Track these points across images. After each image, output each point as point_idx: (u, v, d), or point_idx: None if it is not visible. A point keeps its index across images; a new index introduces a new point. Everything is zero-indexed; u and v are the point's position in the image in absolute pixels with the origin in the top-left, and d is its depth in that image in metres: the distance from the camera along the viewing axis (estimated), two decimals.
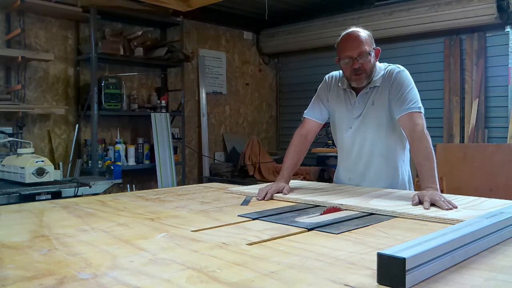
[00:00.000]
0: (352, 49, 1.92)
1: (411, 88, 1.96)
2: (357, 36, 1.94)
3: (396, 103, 1.95)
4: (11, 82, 4.21)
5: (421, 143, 1.83)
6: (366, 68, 1.94)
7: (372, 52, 1.95)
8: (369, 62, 1.94)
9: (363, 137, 2.06)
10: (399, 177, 2.10)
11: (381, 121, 2.01)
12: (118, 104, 4.61)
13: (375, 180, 2.09)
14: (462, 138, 4.88)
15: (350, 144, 2.11)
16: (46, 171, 2.98)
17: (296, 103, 6.42)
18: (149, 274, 0.93)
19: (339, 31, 2.04)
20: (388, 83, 1.98)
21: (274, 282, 0.88)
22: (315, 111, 2.18)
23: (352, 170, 2.16)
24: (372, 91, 2.01)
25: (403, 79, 1.97)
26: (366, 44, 1.93)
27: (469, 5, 4.58)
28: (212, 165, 5.89)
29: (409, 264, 0.82)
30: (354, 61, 1.92)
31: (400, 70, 2.00)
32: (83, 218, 1.53)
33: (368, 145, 2.06)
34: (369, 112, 2.02)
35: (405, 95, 1.93)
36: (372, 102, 2.01)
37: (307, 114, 2.19)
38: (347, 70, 1.98)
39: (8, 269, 0.97)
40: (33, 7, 4.18)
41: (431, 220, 1.41)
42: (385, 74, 2.01)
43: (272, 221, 1.44)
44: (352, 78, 1.98)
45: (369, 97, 2.01)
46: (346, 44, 1.95)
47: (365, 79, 1.97)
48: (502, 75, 4.64)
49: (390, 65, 2.06)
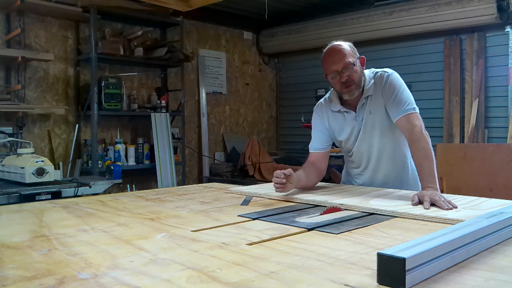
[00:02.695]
0: (336, 63, 1.92)
1: (403, 90, 1.96)
2: (339, 49, 1.94)
3: (391, 107, 1.95)
4: (11, 82, 4.22)
5: (419, 144, 1.84)
6: (354, 79, 1.94)
7: (356, 62, 1.95)
8: (355, 73, 1.94)
9: (369, 145, 2.06)
10: (409, 172, 2.10)
11: (383, 127, 2.01)
12: (118, 104, 4.61)
13: (384, 182, 2.09)
14: (462, 138, 4.88)
15: (357, 154, 2.11)
16: (46, 171, 2.98)
17: (296, 103, 6.42)
18: (149, 274, 0.93)
19: (339, 31, 2.04)
20: (380, 89, 1.98)
21: (274, 282, 0.88)
22: (319, 142, 2.14)
23: (360, 177, 2.17)
24: (367, 101, 2.01)
25: (394, 83, 1.96)
26: (349, 55, 1.93)
27: (469, 5, 4.58)
28: (212, 165, 5.89)
29: (409, 264, 0.82)
30: (340, 75, 1.92)
31: (389, 74, 2.00)
32: (83, 218, 1.53)
33: (375, 152, 2.06)
34: (369, 122, 2.01)
35: (398, 98, 1.93)
36: (369, 112, 2.00)
37: (312, 147, 2.15)
38: (336, 84, 1.98)
39: (8, 269, 0.97)
40: (33, 7, 4.18)
41: (431, 220, 1.41)
42: (375, 81, 2.00)
43: (272, 221, 1.44)
44: (343, 91, 1.98)
45: (366, 107, 2.01)
46: (330, 59, 1.95)
47: (356, 90, 1.97)
48: (502, 75, 4.64)
49: (378, 70, 2.04)
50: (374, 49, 5.55)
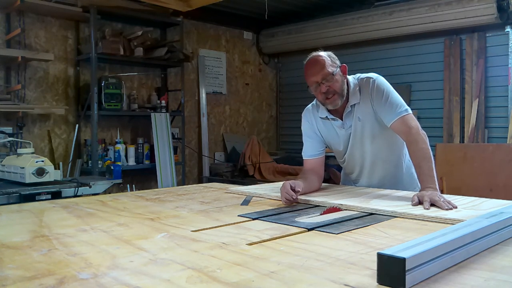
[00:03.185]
0: (315, 74, 1.91)
1: (391, 93, 1.94)
2: (317, 60, 1.93)
3: (382, 113, 1.93)
4: (11, 82, 4.21)
5: (417, 144, 1.84)
6: (336, 89, 1.91)
7: (336, 71, 1.92)
8: (336, 82, 1.91)
9: (361, 152, 2.04)
10: (403, 170, 2.10)
11: (374, 132, 1.99)
12: (118, 104, 4.61)
13: (380, 184, 2.09)
14: (462, 138, 4.88)
15: (350, 161, 2.11)
16: (46, 171, 2.98)
17: (296, 103, 6.41)
18: (149, 274, 0.93)
19: (339, 31, 2.03)
20: (367, 94, 1.96)
21: (274, 282, 0.88)
22: (313, 149, 2.11)
23: (357, 181, 2.17)
24: (353, 108, 1.99)
25: (382, 87, 1.94)
26: (328, 66, 1.91)
27: (469, 5, 4.58)
28: (212, 165, 5.89)
29: (409, 264, 0.82)
30: (320, 85, 1.91)
31: (375, 79, 1.97)
32: (83, 218, 1.53)
33: (368, 158, 2.05)
34: (358, 129, 1.99)
35: (389, 103, 1.91)
36: (358, 118, 1.98)
37: (306, 154, 2.12)
38: (318, 95, 1.96)
39: (8, 269, 0.97)
40: (33, 7, 4.18)
41: (431, 220, 1.41)
42: (361, 87, 1.98)
43: (272, 221, 1.44)
44: (325, 102, 1.96)
45: (353, 114, 1.99)
46: (309, 71, 1.94)
47: (339, 99, 1.94)
48: (502, 75, 4.64)
49: (362, 76, 2.02)
50: (374, 49, 5.55)
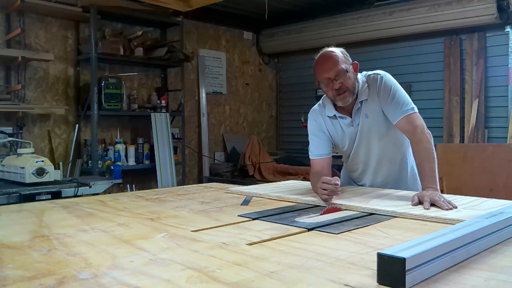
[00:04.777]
0: (328, 70, 1.88)
1: (399, 90, 1.93)
2: (331, 56, 1.90)
3: (389, 110, 1.92)
4: (11, 82, 4.21)
5: (421, 144, 1.83)
6: (348, 86, 1.90)
7: (349, 68, 1.91)
8: (348, 79, 1.90)
9: (367, 149, 2.03)
10: (408, 171, 2.09)
11: (380, 130, 1.98)
12: (118, 104, 4.61)
13: (384, 183, 2.08)
14: (462, 138, 4.88)
15: (355, 159, 2.09)
16: (46, 171, 2.98)
17: (296, 103, 6.42)
18: (149, 274, 0.93)
19: (339, 31, 2.02)
20: (374, 91, 1.95)
21: (274, 282, 0.88)
22: (320, 148, 2.09)
23: (360, 180, 2.16)
24: (362, 105, 1.97)
25: (389, 84, 1.93)
26: (342, 62, 1.89)
27: (469, 5, 4.58)
28: (212, 165, 5.89)
29: (409, 264, 0.82)
30: (333, 82, 1.88)
31: (382, 76, 1.96)
32: (83, 218, 1.53)
33: (374, 155, 2.04)
34: (366, 126, 1.98)
35: (396, 100, 1.90)
36: (365, 115, 1.97)
37: (312, 155, 2.10)
38: (328, 91, 1.93)
39: (8, 269, 0.97)
40: (33, 7, 4.18)
41: (431, 220, 1.41)
42: (369, 84, 1.97)
43: (272, 221, 1.44)
44: (336, 99, 1.93)
45: (361, 112, 1.98)
46: (322, 67, 1.91)
47: (350, 97, 1.92)
48: (502, 75, 4.64)
49: (369, 73, 2.01)
50: (374, 49, 5.55)
